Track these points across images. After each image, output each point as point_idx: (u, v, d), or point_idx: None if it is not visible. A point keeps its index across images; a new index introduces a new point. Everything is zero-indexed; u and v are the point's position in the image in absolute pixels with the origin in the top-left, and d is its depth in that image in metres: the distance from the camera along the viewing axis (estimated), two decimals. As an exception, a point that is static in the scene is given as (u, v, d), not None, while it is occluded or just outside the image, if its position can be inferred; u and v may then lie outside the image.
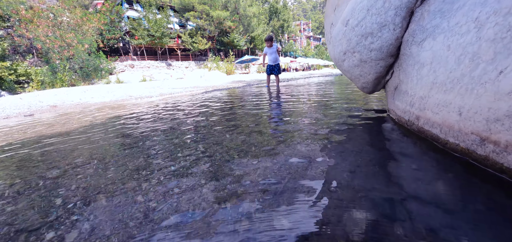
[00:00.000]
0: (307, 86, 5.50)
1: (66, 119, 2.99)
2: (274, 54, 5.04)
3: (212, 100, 3.88)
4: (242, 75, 22.49)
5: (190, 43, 31.55)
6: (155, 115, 2.62)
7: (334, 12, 1.93)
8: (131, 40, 26.97)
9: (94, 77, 20.73)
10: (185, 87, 7.59)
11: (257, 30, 40.00)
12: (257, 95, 4.17)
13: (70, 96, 5.90)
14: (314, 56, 66.50)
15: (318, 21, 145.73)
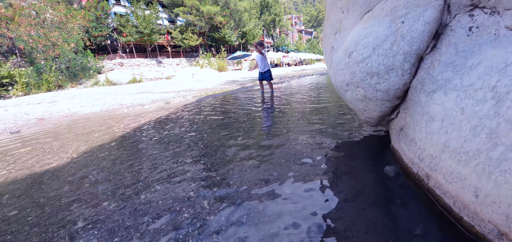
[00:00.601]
0: (301, 92, 5.47)
1: (56, 137, 2.86)
2: (263, 60, 4.99)
3: (206, 110, 3.80)
4: (235, 73, 22.29)
5: (180, 39, 30.95)
6: (149, 137, 2.54)
7: (334, 36, 1.89)
8: (119, 37, 26.17)
9: (82, 77, 20.12)
10: (177, 91, 7.44)
11: (249, 25, 39.63)
12: (251, 103, 4.12)
13: (58, 106, 5.68)
14: (306, 51, 66.62)
15: (309, 14, 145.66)
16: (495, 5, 0.90)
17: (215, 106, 4.12)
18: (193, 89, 7.68)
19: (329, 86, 5.85)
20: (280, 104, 3.79)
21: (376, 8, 1.33)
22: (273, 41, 61.27)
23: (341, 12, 1.79)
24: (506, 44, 0.83)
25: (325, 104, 3.55)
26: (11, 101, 7.96)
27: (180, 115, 3.53)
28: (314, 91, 5.12)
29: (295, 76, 11.30)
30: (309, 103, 3.71)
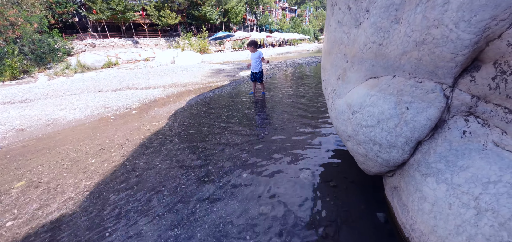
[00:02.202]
0: (291, 93, 5.59)
1: (47, 164, 2.76)
2: (257, 60, 4.98)
3: (199, 122, 3.79)
4: (218, 56, 21.69)
5: (157, 17, 29.03)
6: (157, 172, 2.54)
7: (336, 81, 1.98)
8: (88, 14, 23.95)
9: (50, 61, 18.52)
10: (163, 86, 7.21)
11: (231, 2, 38.04)
12: (244, 109, 4.16)
13: (35, 108, 5.29)
14: (290, 30, 65.77)
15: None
16: (487, 119, 1.05)
17: (206, 114, 4.12)
18: (179, 83, 7.48)
19: (317, 80, 6.00)
20: (272, 115, 3.88)
21: (383, 80, 1.43)
22: (256, 20, 59.63)
23: (344, 60, 1.87)
24: (491, 159, 0.99)
25: (316, 116, 3.69)
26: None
27: (174, 131, 3.51)
28: (304, 92, 5.23)
29: (280, 64, 11.26)
30: (301, 112, 3.83)
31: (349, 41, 1.79)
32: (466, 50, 0.98)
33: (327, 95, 2.24)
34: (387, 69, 1.40)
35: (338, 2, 1.98)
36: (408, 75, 1.28)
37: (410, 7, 1.22)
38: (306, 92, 5.14)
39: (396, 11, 1.30)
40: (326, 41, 2.31)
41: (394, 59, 1.33)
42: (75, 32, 25.30)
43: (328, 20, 2.31)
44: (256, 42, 4.98)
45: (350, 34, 1.78)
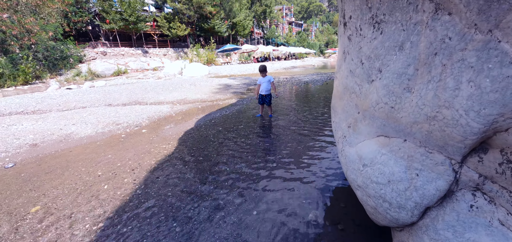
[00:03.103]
0: (297, 121, 5.67)
1: (61, 186, 2.85)
2: (267, 84, 5.10)
3: (205, 136, 3.88)
4: (225, 68, 21.97)
5: (167, 28, 29.83)
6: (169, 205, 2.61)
7: (347, 128, 2.05)
8: (101, 24, 24.76)
9: (61, 67, 19.05)
10: (171, 102, 7.36)
11: (239, 15, 38.93)
12: (253, 137, 4.24)
13: (48, 121, 5.46)
14: (296, 44, 66.70)
15: (300, 5, 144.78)
16: (493, 197, 1.10)
17: (215, 138, 4.20)
18: (188, 99, 7.63)
19: (323, 101, 6.06)
20: (280, 144, 3.94)
21: (394, 142, 1.49)
22: (263, 33, 60.65)
23: (356, 111, 1.94)
24: (497, 237, 1.04)
25: (325, 146, 3.74)
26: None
27: (184, 157, 3.59)
28: (311, 117, 5.30)
29: (286, 81, 11.37)
30: (309, 141, 3.89)
31: (361, 93, 1.87)
32: (475, 137, 1.04)
33: (337, 138, 2.30)
34: (398, 132, 1.47)
35: (350, 52, 2.07)
36: (419, 143, 1.34)
37: (422, 80, 1.29)
38: (313, 118, 5.20)
39: (409, 80, 1.38)
40: (338, 84, 2.39)
41: (405, 125, 1.40)
42: (88, 40, 26.08)
43: (340, 62, 2.40)
44: (266, 68, 5.12)
45: (362, 87, 1.86)
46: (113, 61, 22.79)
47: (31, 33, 16.75)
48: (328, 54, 61.75)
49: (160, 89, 9.18)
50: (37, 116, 6.08)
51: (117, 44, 26.97)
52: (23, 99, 8.26)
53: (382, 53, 1.66)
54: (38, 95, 9.12)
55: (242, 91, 9.18)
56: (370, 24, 1.78)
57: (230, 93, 8.74)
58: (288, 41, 66.79)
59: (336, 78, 2.54)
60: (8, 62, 15.70)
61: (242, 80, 12.47)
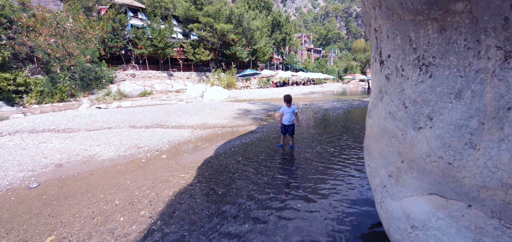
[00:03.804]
0: (320, 153, 5.40)
1: (79, 215, 2.82)
2: (290, 114, 4.96)
3: (224, 167, 3.72)
4: (244, 92, 22.27)
5: (192, 53, 31.50)
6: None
7: (388, 177, 1.81)
8: (133, 49, 26.78)
9: (94, 87, 20.51)
10: (192, 126, 7.43)
11: (260, 43, 40.25)
12: (274, 169, 4.03)
13: (74, 141, 5.69)
14: (314, 70, 67.13)
15: (319, 33, 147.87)
16: None
17: (235, 169, 4.05)
18: (208, 124, 7.67)
19: (348, 136, 5.72)
20: (303, 179, 3.68)
21: (454, 205, 1.24)
22: (282, 59, 61.89)
23: (398, 158, 1.71)
24: None
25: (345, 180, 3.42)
26: (26, 121, 8.03)
27: (203, 189, 3.47)
28: (335, 150, 5.00)
29: (306, 107, 11.10)
30: (334, 180, 3.60)
31: (404, 140, 1.65)
32: None
33: (374, 185, 2.05)
34: (459, 195, 1.22)
35: (389, 93, 1.88)
36: (490, 213, 1.08)
37: (491, 137, 1.07)
38: (337, 150, 4.90)
39: (471, 135, 1.16)
40: (373, 124, 2.18)
41: (469, 187, 1.15)
42: (120, 63, 28.17)
43: (375, 101, 2.20)
44: (291, 98, 5.01)
45: (406, 133, 1.64)
46: (141, 83, 24.18)
47: (72, 56, 18.47)
48: (347, 80, 61.04)
49: (182, 112, 9.39)
50: (66, 135, 6.37)
51: (145, 67, 28.78)
52: (56, 117, 8.81)
53: (433, 99, 1.46)
54: (70, 113, 9.71)
55: (262, 118, 9.11)
56: (415, 66, 1.60)
57: (250, 119, 8.69)
58: (307, 67, 67.40)
59: (369, 117, 2.33)
60: (48, 81, 17.23)
61: (261, 106, 12.47)
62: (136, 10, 30.83)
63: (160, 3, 52.02)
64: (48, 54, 17.61)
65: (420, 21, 1.49)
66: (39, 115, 9.71)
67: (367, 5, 2.08)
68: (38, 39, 17.42)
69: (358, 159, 4.39)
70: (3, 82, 14.70)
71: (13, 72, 15.86)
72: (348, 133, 6.50)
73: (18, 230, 2.55)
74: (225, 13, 33.30)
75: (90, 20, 22.92)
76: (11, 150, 5.02)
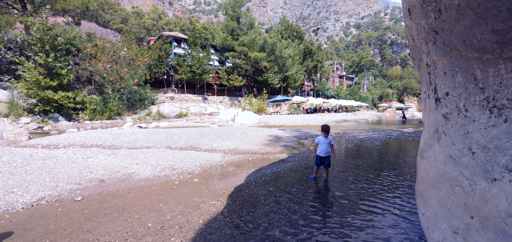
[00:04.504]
0: (357, 190, 4.98)
1: (113, 228, 2.91)
2: (327, 146, 4.72)
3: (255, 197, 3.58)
4: (274, 118, 22.26)
5: (226, 79, 33.09)
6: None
7: (453, 235, 1.52)
8: (174, 74, 29.23)
9: (138, 107, 22.42)
10: (223, 151, 7.53)
11: (291, 70, 40.80)
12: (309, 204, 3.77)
13: (116, 158, 6.12)
14: (347, 97, 65.15)
15: (351, 60, 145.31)
16: None
17: (266, 201, 3.89)
18: (239, 150, 7.70)
19: (388, 172, 5.15)
20: (340, 219, 3.36)
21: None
22: (314, 85, 61.47)
23: (467, 214, 1.43)
24: None
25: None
26: (78, 136, 8.99)
27: (233, 220, 3.37)
28: (375, 188, 4.55)
29: (338, 136, 10.48)
30: (379, 227, 3.21)
31: (473, 192, 1.38)
32: None
33: (433, 241, 1.75)
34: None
35: (448, 133, 1.64)
36: None
37: None
38: (378, 188, 4.44)
39: None
40: (428, 167, 1.90)
41: None
42: (162, 87, 30.84)
43: (430, 141, 1.94)
44: (329, 128, 4.80)
45: (474, 183, 1.38)
46: (178, 105, 25.90)
47: (123, 80, 20.78)
48: (382, 107, 57.51)
49: (214, 136, 9.64)
50: (110, 152, 6.92)
51: (183, 91, 30.98)
52: (103, 133, 9.71)
53: (510, 147, 1.23)
54: (115, 130, 10.64)
55: (293, 145, 8.88)
56: (483, 107, 1.38)
57: (281, 146, 8.54)
58: (339, 93, 65.69)
59: (422, 158, 2.06)
60: (101, 101, 19.40)
61: (292, 132, 12.26)
62: (179, 41, 34.07)
63: (201, 34, 56.75)
64: (103, 78, 20.13)
65: (488, 60, 1.30)
66: (90, 131, 10.82)
67: (417, 39, 1.93)
68: (97, 65, 20.08)
69: (404, 200, 3.91)
70: (65, 100, 16.95)
71: (74, 92, 18.26)
72: (388, 168, 5.93)
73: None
74: (259, 42, 34.84)
75: (141, 49, 25.89)
76: (64, 162, 5.57)
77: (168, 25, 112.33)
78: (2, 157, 5.67)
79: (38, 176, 4.68)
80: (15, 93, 16.57)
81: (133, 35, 35.10)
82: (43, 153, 6.35)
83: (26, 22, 18.61)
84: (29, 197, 3.88)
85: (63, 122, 16.70)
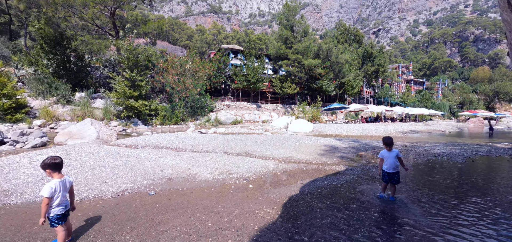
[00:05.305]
0: (437, 219, 4.21)
1: (178, 223, 3.19)
2: (394, 159, 4.17)
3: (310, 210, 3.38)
4: (329, 127, 21.06)
5: (280, 87, 33.34)
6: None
7: None
8: (231, 83, 31.19)
9: (199, 114, 24.61)
10: (277, 159, 7.51)
11: (348, 76, 38.29)
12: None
13: (182, 159, 6.80)
14: (415, 104, 57.12)
15: (421, 62, 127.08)
16: None
17: (322, 215, 3.65)
18: (292, 158, 7.56)
19: (484, 202, 4.11)
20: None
21: None
22: (374, 92, 56.22)
23: None
24: None
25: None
26: (152, 138, 10.37)
27: (288, 231, 3.28)
28: (457, 212, 3.74)
29: (406, 149, 9.00)
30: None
31: None
32: None
33: None
34: None
35: None
36: None
37: None
38: (461, 221, 3.62)
39: None
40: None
41: None
42: (219, 95, 33.28)
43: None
44: (392, 141, 4.26)
45: None
46: (233, 113, 27.37)
47: (187, 89, 23.30)
48: (464, 117, 47.31)
49: (268, 144, 9.73)
50: (176, 153, 7.74)
51: (239, 99, 32.65)
52: (171, 137, 10.96)
53: None
54: (180, 135, 11.89)
55: (351, 157, 8.19)
56: None
57: (337, 157, 7.99)
58: (405, 100, 58.21)
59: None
60: (169, 108, 22.10)
61: (349, 143, 11.35)
62: (236, 52, 36.30)
63: (255, 44, 59.05)
64: (172, 88, 22.96)
65: None
66: (161, 134, 12.38)
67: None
68: (168, 77, 23.11)
69: (502, 237, 3.07)
70: (143, 108, 19.98)
71: (150, 101, 21.36)
72: (475, 192, 4.79)
73: (137, 229, 3.11)
74: (313, 49, 34.01)
75: (203, 62, 28.69)
76: (141, 161, 6.50)
77: (226, 38, 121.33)
78: (99, 153, 7.00)
79: (123, 170, 5.57)
80: (108, 102, 20.46)
81: (196, 50, 39.27)
82: (126, 151, 7.56)
83: (118, 45, 23.09)
84: (116, 187, 4.64)
85: (141, 125, 19.66)
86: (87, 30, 25.52)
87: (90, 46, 25.06)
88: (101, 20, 25.22)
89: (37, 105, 18.37)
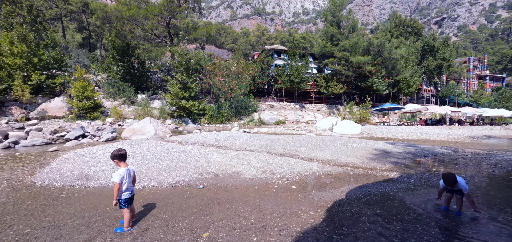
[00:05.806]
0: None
1: (225, 216, 3.39)
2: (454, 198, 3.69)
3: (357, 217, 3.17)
4: (380, 129, 19.13)
5: (324, 87, 32.06)
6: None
7: None
8: (274, 84, 31.32)
9: (243, 114, 25.41)
10: (322, 162, 7.27)
11: (404, 73, 34.48)
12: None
13: (227, 156, 7.15)
14: (491, 104, 48.04)
15: (499, 53, 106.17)
16: None
17: (371, 225, 3.40)
18: (338, 161, 7.20)
19: None
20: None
21: None
22: (437, 90, 49.49)
23: None
24: None
25: None
26: (200, 136, 11.13)
27: (332, 238, 3.16)
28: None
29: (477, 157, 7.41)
30: None
31: None
32: None
33: None
34: None
35: None
36: None
37: None
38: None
39: None
40: None
41: None
42: (263, 96, 33.72)
43: None
44: (454, 179, 3.57)
45: None
46: (277, 113, 27.41)
47: (232, 90, 24.35)
48: None
49: (312, 145, 9.48)
50: (222, 151, 8.16)
51: (282, 99, 32.56)
52: (218, 135, 11.60)
53: None
54: (226, 133, 12.48)
55: (406, 163, 7.37)
56: None
57: (389, 163, 7.29)
58: (477, 100, 49.44)
59: None
60: (216, 108, 23.40)
61: (404, 148, 10.20)
62: (279, 53, 36.28)
63: (299, 43, 57.95)
64: (219, 89, 24.29)
65: None
66: (208, 133, 13.21)
67: None
68: (214, 79, 24.55)
69: None
70: (193, 108, 21.64)
71: (199, 101, 23.01)
72: None
73: (188, 218, 3.41)
74: (363, 45, 31.64)
75: (247, 63, 29.59)
76: (192, 156, 7.06)
77: (269, 39, 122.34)
78: (156, 148, 7.88)
79: (176, 164, 6.16)
80: (163, 102, 22.78)
81: (241, 52, 40.70)
82: (179, 147, 8.32)
83: (172, 51, 25.61)
84: (171, 179, 5.16)
85: (191, 124, 21.34)
86: (147, 39, 28.99)
87: (149, 53, 28.43)
88: (158, 29, 28.35)
89: (109, 106, 21.67)
